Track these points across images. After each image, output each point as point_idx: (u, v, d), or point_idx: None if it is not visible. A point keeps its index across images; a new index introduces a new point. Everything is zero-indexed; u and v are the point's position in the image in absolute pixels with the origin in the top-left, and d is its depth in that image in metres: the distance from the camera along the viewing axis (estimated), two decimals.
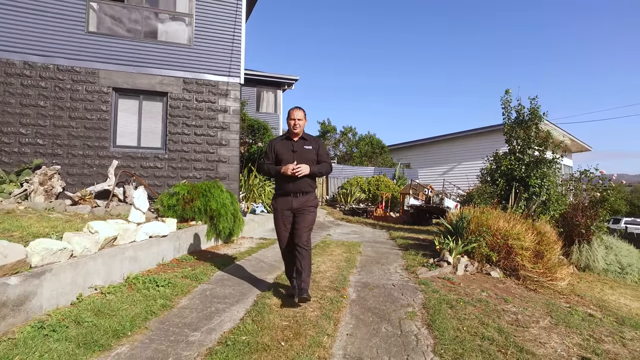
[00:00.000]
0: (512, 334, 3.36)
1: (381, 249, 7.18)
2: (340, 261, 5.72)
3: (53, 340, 2.72)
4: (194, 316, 3.41)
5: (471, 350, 2.94)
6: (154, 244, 4.88)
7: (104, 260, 3.92)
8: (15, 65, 6.99)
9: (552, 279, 5.96)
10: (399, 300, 4.04)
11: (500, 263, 5.97)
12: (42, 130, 7.14)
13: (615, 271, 8.43)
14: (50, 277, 3.23)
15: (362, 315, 3.56)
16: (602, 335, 3.71)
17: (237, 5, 8.59)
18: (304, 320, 3.25)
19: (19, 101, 7.01)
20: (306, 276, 3.66)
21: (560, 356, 3.06)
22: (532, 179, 8.10)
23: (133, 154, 7.70)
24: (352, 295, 4.14)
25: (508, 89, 8.84)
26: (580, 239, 8.35)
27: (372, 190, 16.74)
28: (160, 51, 7.99)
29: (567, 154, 25.26)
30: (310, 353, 2.70)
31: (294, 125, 3.69)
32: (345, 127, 29.44)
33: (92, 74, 7.46)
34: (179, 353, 2.72)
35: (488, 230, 6.04)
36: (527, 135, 8.44)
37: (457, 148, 20.97)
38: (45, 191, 6.50)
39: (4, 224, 4.46)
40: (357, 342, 2.98)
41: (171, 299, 3.79)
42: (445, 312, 3.69)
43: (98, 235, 4.04)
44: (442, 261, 5.69)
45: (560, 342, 3.35)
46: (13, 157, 6.94)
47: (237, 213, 6.92)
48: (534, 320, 3.84)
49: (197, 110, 8.16)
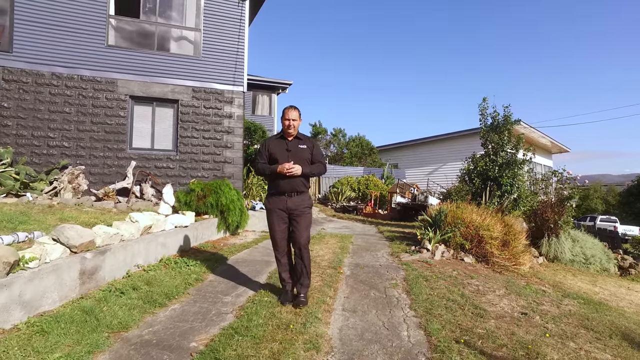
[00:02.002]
0: (471, 298, 4.34)
1: (370, 240, 8.14)
2: (335, 248, 6.66)
3: (124, 298, 3.60)
4: (222, 286, 4.31)
5: (438, 306, 3.90)
6: (179, 232, 5.76)
7: (143, 244, 4.79)
8: (44, 76, 7.78)
9: (517, 263, 6.95)
10: (384, 275, 5.00)
11: (472, 250, 6.94)
12: (68, 134, 7.94)
13: (580, 262, 9.38)
14: (110, 255, 4.10)
15: (355, 285, 4.51)
16: (544, 301, 4.71)
17: (240, 20, 9.47)
18: (311, 288, 4.18)
19: (47, 108, 7.81)
20: (305, 279, 3.72)
21: (505, 311, 4.04)
22: (504, 179, 9.13)
23: (147, 155, 8.54)
24: (346, 272, 5.09)
25: (485, 97, 9.88)
26: (549, 233, 9.29)
27: (362, 189, 17.71)
28: (171, 62, 8.84)
29: (547, 155, 26.58)
30: (317, 307, 3.63)
31: (288, 125, 3.65)
32: (335, 128, 30.49)
33: (111, 83, 8.28)
34: (218, 308, 3.63)
35: (462, 222, 7.02)
36: (500, 139, 9.47)
37: (443, 149, 22.05)
38: (73, 189, 7.31)
39: (56, 215, 5.30)
40: (352, 302, 3.93)
41: (201, 275, 4.68)
42: (421, 284, 4.65)
43: (138, 224, 4.92)
44: (422, 248, 6.66)
45: (508, 304, 4.34)
46: (42, 158, 7.73)
47: (243, 208, 7.81)
48: (491, 291, 4.82)
49: (205, 116, 9.03)
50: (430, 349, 2.97)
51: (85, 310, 3.21)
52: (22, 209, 5.54)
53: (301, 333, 3.04)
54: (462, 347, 3.03)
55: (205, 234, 6.74)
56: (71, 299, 3.45)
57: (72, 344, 2.69)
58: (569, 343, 3.38)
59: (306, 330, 3.09)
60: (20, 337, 2.68)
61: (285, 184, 3.61)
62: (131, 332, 3.05)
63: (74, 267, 3.55)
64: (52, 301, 3.25)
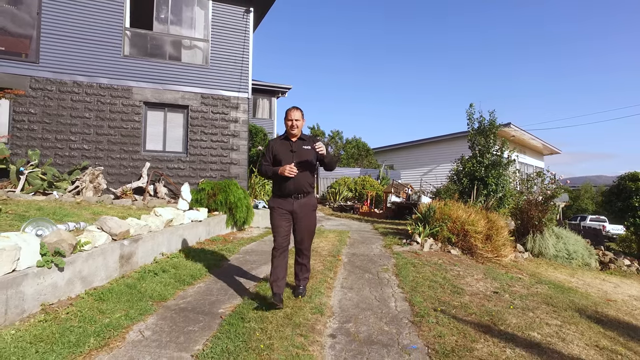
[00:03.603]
0: (452, 280, 5.05)
1: (366, 235, 8.84)
2: (334, 241, 7.36)
3: (158, 278, 4.29)
4: (238, 270, 5.01)
5: (422, 285, 4.61)
6: (195, 226, 6.45)
7: (166, 235, 5.48)
8: (66, 84, 8.46)
9: (499, 255, 7.66)
10: (377, 262, 5.71)
11: (458, 244, 7.64)
12: (87, 137, 8.62)
13: (564, 257, 10.04)
14: (141, 243, 4.78)
15: (352, 269, 5.22)
16: (516, 285, 5.42)
17: (245, 31, 10.17)
18: (314, 271, 4.88)
19: (69, 113, 8.48)
20: (304, 278, 3.94)
21: (479, 290, 4.76)
22: (489, 179, 9.86)
23: (160, 157, 9.22)
24: (344, 259, 5.79)
25: (472, 103, 10.62)
26: (534, 230, 9.94)
27: (359, 189, 18.42)
28: (182, 71, 9.53)
29: (539, 156, 27.42)
30: (320, 284, 4.33)
31: (291, 126, 3.61)
32: (333, 131, 31.28)
33: (126, 90, 8.96)
34: (237, 286, 4.32)
35: (449, 218, 7.72)
36: (486, 142, 10.21)
37: (437, 151, 22.78)
38: (94, 188, 7.98)
39: (88, 210, 5.99)
40: (349, 281, 4.64)
41: (218, 261, 5.38)
42: (409, 269, 5.36)
43: (162, 217, 5.61)
44: (412, 241, 7.37)
45: (483, 285, 5.06)
46: (64, 160, 8.40)
47: (249, 206, 8.51)
48: (470, 275, 5.53)
49: (212, 120, 9.72)
50: (412, 315, 3.68)
51: (129, 286, 3.90)
52: (55, 205, 6.22)
53: (308, 302, 3.74)
54: (438, 313, 3.74)
55: (216, 228, 7.43)
56: (114, 277, 4.13)
57: (126, 309, 3.38)
58: (528, 313, 4.09)
59: (312, 301, 3.79)
60: (86, 302, 3.37)
61: (290, 185, 3.57)
62: (169, 302, 3.74)
63: (116, 252, 4.24)
64: (100, 279, 3.93)
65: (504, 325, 3.61)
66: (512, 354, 3.01)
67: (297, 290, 3.91)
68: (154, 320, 3.26)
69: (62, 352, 2.55)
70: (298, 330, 3.12)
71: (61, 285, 3.41)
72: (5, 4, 7.99)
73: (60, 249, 3.46)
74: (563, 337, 3.50)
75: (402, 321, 3.52)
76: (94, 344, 2.72)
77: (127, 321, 3.15)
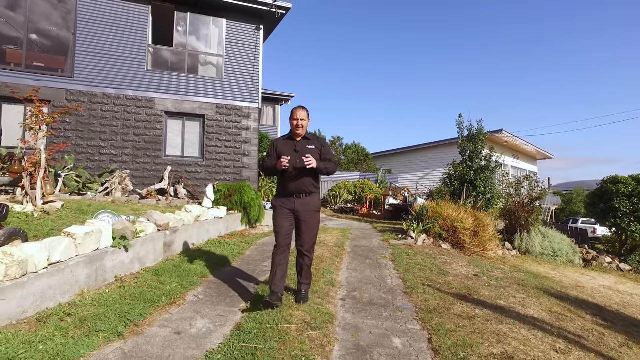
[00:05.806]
0: (440, 266, 5.97)
1: (366, 232, 9.76)
2: (338, 236, 8.28)
3: (196, 262, 5.20)
4: (258, 257, 5.92)
5: (413, 269, 5.54)
6: (217, 222, 7.36)
7: (196, 228, 6.39)
8: (97, 96, 9.41)
9: (485, 249, 8.57)
10: (377, 252, 6.63)
11: (448, 239, 8.55)
12: (115, 144, 9.56)
13: (549, 254, 10.85)
14: (178, 234, 5.70)
15: (355, 256, 6.15)
16: (496, 271, 6.34)
17: (255, 46, 11.16)
18: (323, 257, 5.79)
19: (99, 122, 9.43)
20: (305, 279, 3.84)
21: (462, 274, 5.68)
22: (478, 181, 10.80)
23: (179, 162, 10.15)
24: (348, 249, 6.72)
25: (461, 114, 11.60)
26: (521, 229, 10.75)
27: (358, 192, 19.34)
28: (199, 83, 10.49)
29: (532, 161, 28.42)
30: (330, 266, 5.25)
31: (296, 126, 3.59)
32: (334, 136, 32.33)
33: (150, 101, 9.92)
34: (261, 269, 5.23)
35: (440, 216, 8.64)
36: (475, 148, 11.17)
37: (432, 156, 23.72)
38: (122, 189, 8.89)
39: (127, 207, 6.90)
40: (353, 265, 5.56)
41: (240, 251, 6.29)
42: (404, 257, 6.29)
43: (192, 213, 6.53)
44: (407, 236, 8.29)
45: (466, 270, 5.98)
46: (95, 164, 9.33)
47: (261, 205, 9.42)
48: (456, 263, 6.45)
49: (226, 128, 10.67)
50: (405, 288, 4.60)
51: (175, 266, 4.82)
52: (97, 203, 7.13)
53: (321, 277, 4.66)
54: (426, 287, 4.66)
55: (233, 225, 8.34)
56: (160, 260, 5.04)
57: (179, 281, 4.29)
58: (500, 290, 5.01)
59: (324, 277, 4.71)
60: (147, 276, 4.28)
61: (292, 185, 3.58)
62: (209, 278, 4.65)
63: (161, 239, 5.15)
64: (150, 260, 4.84)
65: (477, 295, 4.53)
66: (481, 312, 3.94)
67: (299, 295, 3.79)
68: (203, 289, 4.18)
69: (145, 305, 3.46)
70: (316, 294, 4.04)
71: (127, 263, 4.33)
72: (47, 26, 8.96)
73: (125, 234, 4.38)
74: (524, 305, 4.42)
75: (397, 292, 4.44)
76: (165, 301, 3.64)
77: (183, 289, 4.07)
